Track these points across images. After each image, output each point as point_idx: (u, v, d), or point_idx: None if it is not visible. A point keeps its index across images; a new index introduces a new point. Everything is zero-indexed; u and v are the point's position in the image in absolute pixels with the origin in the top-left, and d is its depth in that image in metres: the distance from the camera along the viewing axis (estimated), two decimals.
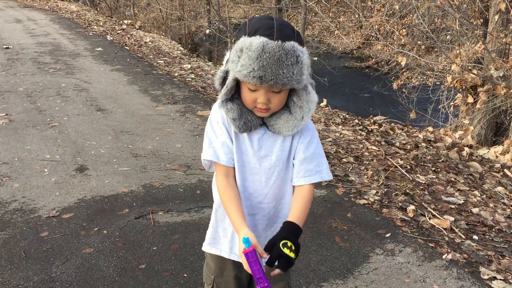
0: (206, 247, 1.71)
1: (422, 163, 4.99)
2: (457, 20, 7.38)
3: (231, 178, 1.55)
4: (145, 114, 5.61)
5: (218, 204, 1.62)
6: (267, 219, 1.61)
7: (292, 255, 1.32)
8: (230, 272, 1.69)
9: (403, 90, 9.71)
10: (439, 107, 8.85)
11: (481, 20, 7.52)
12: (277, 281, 1.69)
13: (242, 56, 1.37)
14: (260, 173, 1.56)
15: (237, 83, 1.48)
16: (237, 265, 1.64)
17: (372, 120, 6.96)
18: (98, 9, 17.41)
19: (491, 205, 4.22)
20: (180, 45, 12.64)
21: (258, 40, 1.35)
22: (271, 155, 1.55)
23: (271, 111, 1.49)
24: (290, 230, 1.39)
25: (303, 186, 1.55)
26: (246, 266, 1.35)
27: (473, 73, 7.08)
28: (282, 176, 1.57)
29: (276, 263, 1.35)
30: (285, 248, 1.33)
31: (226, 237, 1.65)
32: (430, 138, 6.46)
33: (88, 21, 12.87)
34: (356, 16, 15.12)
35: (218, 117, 1.55)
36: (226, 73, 1.47)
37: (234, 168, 1.55)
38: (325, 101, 7.89)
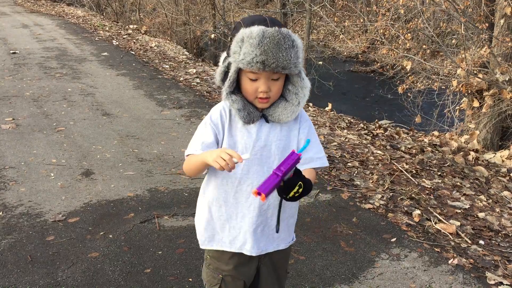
0: (206, 245, 1.75)
1: (427, 168, 4.97)
2: (462, 24, 7.36)
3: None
4: (151, 118, 5.63)
5: (211, 201, 1.71)
6: (272, 207, 1.68)
7: (292, 193, 1.41)
8: (235, 265, 1.73)
9: (409, 94, 9.69)
10: (445, 111, 8.81)
11: (487, 24, 7.50)
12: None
13: (243, 45, 1.48)
14: (261, 163, 1.64)
15: (237, 79, 1.59)
16: (242, 257, 1.71)
17: (377, 125, 6.95)
18: (104, 14, 17.52)
19: (497, 210, 4.20)
20: (185, 49, 12.68)
21: (257, 28, 1.48)
22: (270, 145, 1.64)
23: (271, 101, 1.60)
24: (308, 180, 1.46)
25: (305, 170, 1.62)
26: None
27: (479, 77, 7.05)
28: None
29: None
30: (297, 187, 1.42)
31: (224, 232, 1.70)
32: (435, 143, 6.44)
33: (94, 26, 12.95)
34: (361, 20, 15.12)
35: (209, 118, 1.64)
36: (227, 68, 1.58)
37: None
38: (330, 105, 7.89)
